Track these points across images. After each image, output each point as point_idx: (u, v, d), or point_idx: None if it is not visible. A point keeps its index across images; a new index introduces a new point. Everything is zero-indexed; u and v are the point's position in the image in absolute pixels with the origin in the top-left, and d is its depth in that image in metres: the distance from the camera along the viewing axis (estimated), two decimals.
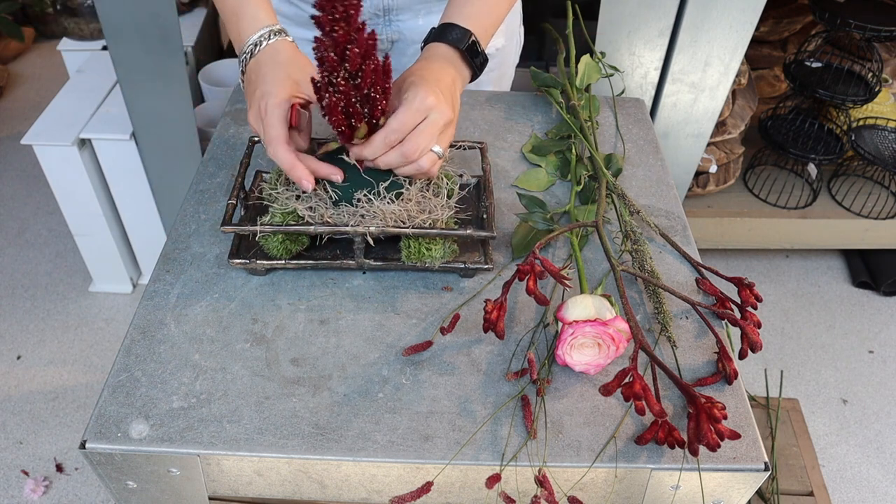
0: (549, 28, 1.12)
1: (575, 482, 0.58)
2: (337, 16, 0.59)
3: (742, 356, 0.63)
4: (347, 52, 0.60)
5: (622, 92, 1.04)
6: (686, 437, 0.56)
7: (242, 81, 0.73)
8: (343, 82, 0.62)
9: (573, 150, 0.86)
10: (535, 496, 0.56)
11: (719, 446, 0.54)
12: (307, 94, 0.68)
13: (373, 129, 0.66)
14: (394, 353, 0.64)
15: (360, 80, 0.62)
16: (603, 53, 1.05)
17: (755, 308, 0.66)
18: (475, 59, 0.74)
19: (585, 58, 0.96)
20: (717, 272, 0.71)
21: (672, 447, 0.57)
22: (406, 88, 0.66)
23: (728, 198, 1.83)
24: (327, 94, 0.63)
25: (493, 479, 0.56)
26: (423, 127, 0.65)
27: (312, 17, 0.60)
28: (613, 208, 0.80)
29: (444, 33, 0.74)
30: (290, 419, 0.59)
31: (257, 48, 0.70)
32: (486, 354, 0.65)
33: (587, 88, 0.96)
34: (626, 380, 0.56)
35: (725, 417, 0.54)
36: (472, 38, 0.74)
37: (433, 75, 0.69)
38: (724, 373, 0.63)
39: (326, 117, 0.65)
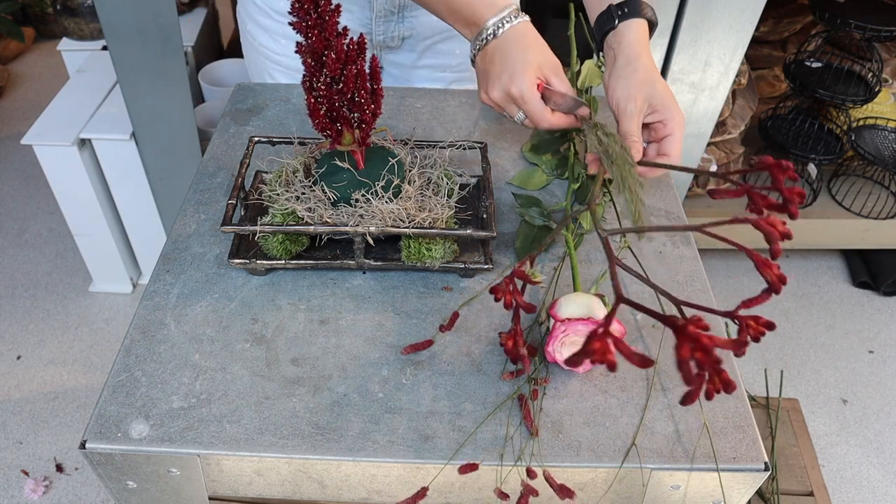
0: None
1: (575, 482, 0.58)
2: (310, 22, 0.59)
3: (774, 291, 0.58)
4: (324, 58, 0.60)
5: None
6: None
7: (474, 61, 0.77)
8: (324, 87, 0.62)
9: (572, 148, 0.86)
10: (523, 491, 0.56)
11: (722, 387, 0.41)
12: (545, 77, 0.74)
13: (365, 134, 0.66)
14: (394, 353, 0.64)
15: (342, 84, 0.62)
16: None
17: (757, 341, 0.60)
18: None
19: (589, 62, 0.96)
20: (711, 310, 0.62)
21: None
22: (665, 107, 0.73)
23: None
24: (311, 98, 0.63)
25: (468, 468, 0.55)
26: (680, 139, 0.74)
27: (290, 23, 0.60)
28: (613, 207, 0.80)
29: (635, 8, 0.76)
30: (290, 419, 0.59)
31: (500, 30, 0.73)
32: (485, 354, 0.65)
33: (587, 90, 0.96)
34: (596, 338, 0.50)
35: (707, 328, 0.41)
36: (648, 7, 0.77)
37: (664, 83, 0.75)
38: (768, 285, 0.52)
39: (312, 121, 0.65)
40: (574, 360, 0.44)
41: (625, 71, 0.74)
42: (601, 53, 0.81)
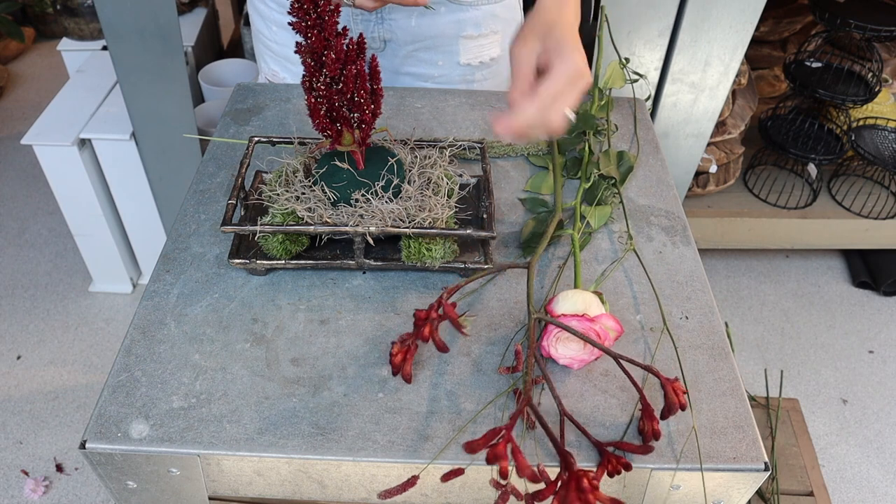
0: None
1: None
2: (310, 22, 0.59)
3: (663, 416, 0.58)
4: (324, 58, 0.60)
5: (648, 97, 1.03)
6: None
7: None
8: (324, 87, 0.62)
9: (587, 148, 0.85)
10: (504, 487, 0.54)
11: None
12: None
13: (365, 134, 0.66)
14: None
15: (342, 84, 0.62)
16: (627, 59, 1.04)
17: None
18: None
19: (614, 63, 0.96)
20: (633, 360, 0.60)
21: None
22: (558, 48, 0.64)
23: (728, 198, 1.83)
24: (311, 98, 0.63)
25: (454, 474, 0.53)
26: (569, 92, 0.63)
27: (289, 23, 0.60)
28: (621, 207, 0.80)
29: None
30: (290, 419, 0.59)
31: None
32: (486, 354, 0.65)
33: (608, 91, 0.96)
34: (496, 440, 0.50)
35: (596, 488, 0.49)
36: None
37: (574, 30, 0.66)
38: (645, 435, 0.58)
39: (312, 121, 0.65)
40: (472, 448, 0.50)
41: (524, 25, 0.68)
42: (625, 58, 0.76)
